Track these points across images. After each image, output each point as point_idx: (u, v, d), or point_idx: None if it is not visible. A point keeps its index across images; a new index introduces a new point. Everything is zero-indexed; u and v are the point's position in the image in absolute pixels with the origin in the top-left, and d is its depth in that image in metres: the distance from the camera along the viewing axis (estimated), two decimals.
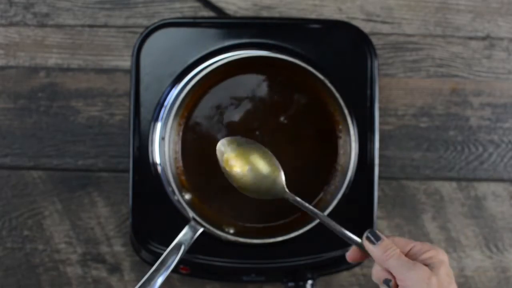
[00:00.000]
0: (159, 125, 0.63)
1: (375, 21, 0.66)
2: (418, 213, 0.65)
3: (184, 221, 0.60)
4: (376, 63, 0.63)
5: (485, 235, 0.65)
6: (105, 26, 0.66)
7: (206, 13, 0.66)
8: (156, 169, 0.62)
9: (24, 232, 0.65)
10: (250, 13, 0.66)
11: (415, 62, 0.66)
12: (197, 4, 0.66)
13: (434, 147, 0.66)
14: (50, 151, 0.66)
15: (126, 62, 0.65)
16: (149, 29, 0.63)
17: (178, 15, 0.66)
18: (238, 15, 0.66)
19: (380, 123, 0.64)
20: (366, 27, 0.65)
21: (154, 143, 0.63)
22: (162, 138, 0.61)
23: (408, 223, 0.65)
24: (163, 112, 0.63)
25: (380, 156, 0.63)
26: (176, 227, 0.60)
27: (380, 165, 0.62)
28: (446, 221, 0.65)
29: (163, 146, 0.61)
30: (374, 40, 0.63)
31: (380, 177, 0.62)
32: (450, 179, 0.65)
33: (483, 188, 0.65)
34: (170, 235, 0.59)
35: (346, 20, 0.65)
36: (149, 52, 0.64)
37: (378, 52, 0.63)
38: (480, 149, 0.66)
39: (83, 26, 0.66)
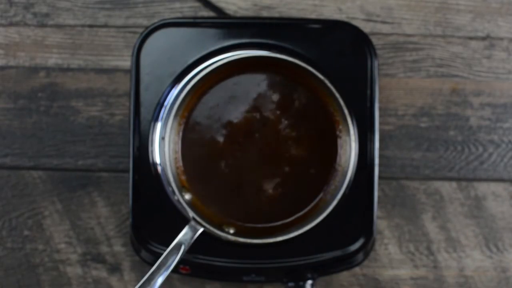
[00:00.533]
0: (159, 125, 0.63)
1: (375, 21, 0.66)
2: (418, 213, 0.65)
3: (184, 221, 0.60)
4: (376, 63, 0.63)
5: (485, 235, 0.65)
6: (105, 26, 0.66)
7: (206, 13, 0.66)
8: (156, 169, 0.63)
9: (24, 232, 0.65)
10: (250, 13, 0.66)
11: (415, 62, 0.66)
12: (197, 4, 0.66)
13: (434, 147, 0.66)
14: (50, 151, 0.66)
15: (126, 62, 0.65)
16: (149, 29, 0.63)
17: (178, 15, 0.66)
18: (238, 15, 0.66)
19: (380, 123, 0.64)
20: (366, 27, 0.65)
21: (154, 143, 0.63)
22: (162, 138, 0.61)
23: (408, 223, 0.65)
24: (163, 112, 0.64)
25: (380, 156, 0.63)
26: (176, 227, 0.60)
27: (380, 165, 0.62)
28: (446, 221, 0.65)
29: (163, 146, 0.61)
30: (374, 40, 0.64)
31: (380, 177, 0.62)
32: (450, 179, 0.66)
33: (483, 188, 0.65)
34: (170, 235, 0.60)
35: (346, 20, 0.65)
36: (149, 52, 0.64)
37: (378, 52, 0.63)
38: (480, 149, 0.66)
39: (83, 26, 0.66)
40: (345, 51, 0.64)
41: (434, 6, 0.66)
